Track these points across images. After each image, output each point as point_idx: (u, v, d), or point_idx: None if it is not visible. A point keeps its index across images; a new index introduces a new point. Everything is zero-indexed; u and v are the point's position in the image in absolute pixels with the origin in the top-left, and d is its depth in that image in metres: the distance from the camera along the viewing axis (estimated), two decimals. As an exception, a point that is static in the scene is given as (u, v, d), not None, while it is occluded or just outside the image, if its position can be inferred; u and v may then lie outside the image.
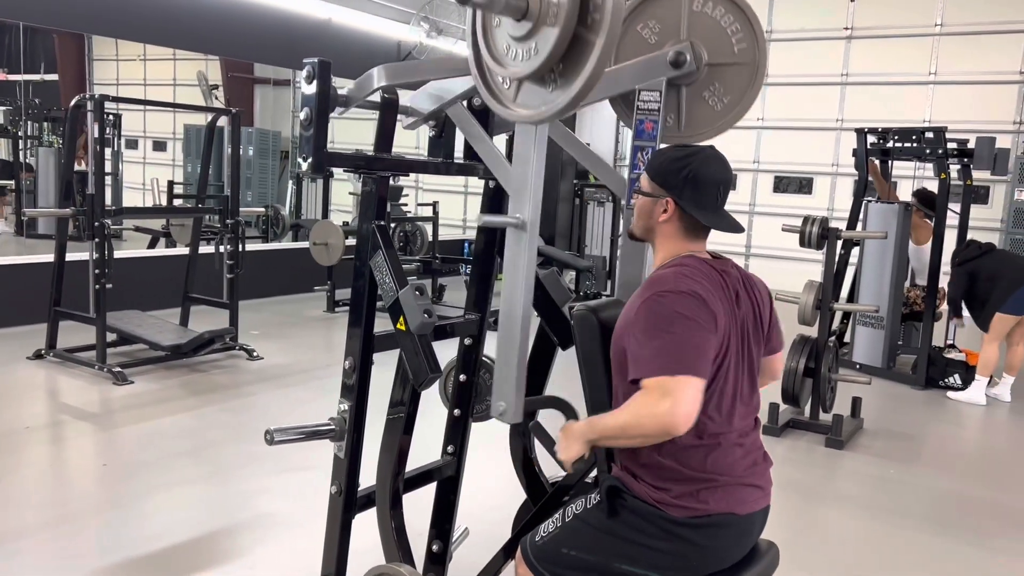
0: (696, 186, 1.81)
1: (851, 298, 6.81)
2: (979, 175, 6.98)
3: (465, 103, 2.20)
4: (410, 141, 10.74)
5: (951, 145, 6.34)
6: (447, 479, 2.53)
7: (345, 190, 10.70)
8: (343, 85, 2.02)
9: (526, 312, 1.96)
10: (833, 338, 5.12)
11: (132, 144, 16.00)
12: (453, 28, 9.62)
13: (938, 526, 3.74)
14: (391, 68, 2.03)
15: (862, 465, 4.54)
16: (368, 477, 2.26)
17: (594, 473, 2.16)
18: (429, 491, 2.55)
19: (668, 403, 1.64)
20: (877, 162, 6.76)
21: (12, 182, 12.33)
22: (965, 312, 6.15)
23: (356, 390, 2.13)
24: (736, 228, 1.87)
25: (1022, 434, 5.42)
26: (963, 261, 5.96)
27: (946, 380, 6.17)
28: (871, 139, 6.69)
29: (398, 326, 2.01)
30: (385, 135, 2.14)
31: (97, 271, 5.30)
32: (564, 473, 2.41)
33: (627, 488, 1.83)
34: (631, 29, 2.24)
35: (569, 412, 2.27)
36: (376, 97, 2.09)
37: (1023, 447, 5.18)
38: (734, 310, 1.82)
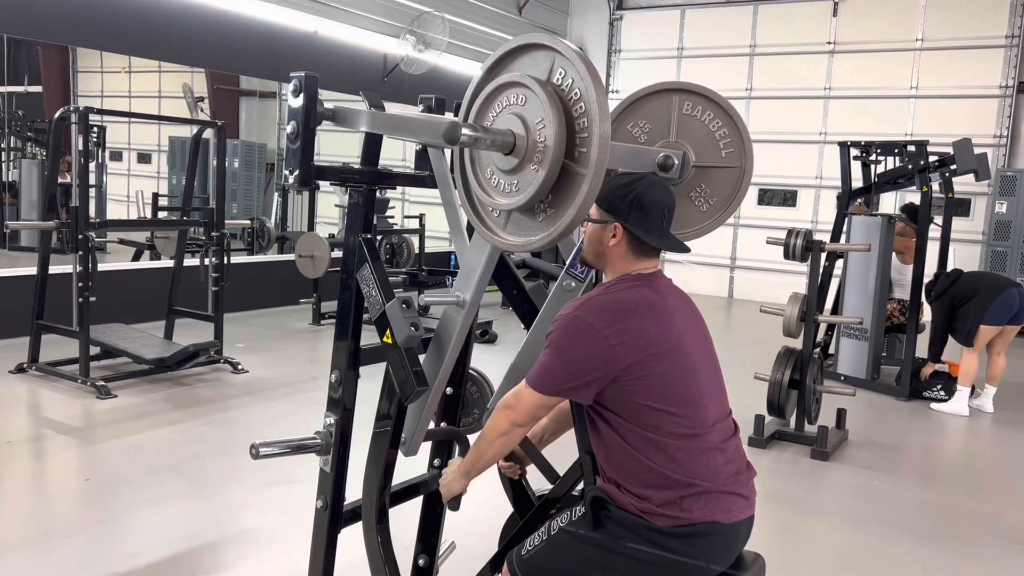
0: (642, 210, 1.86)
1: (835, 310, 6.86)
2: (961, 188, 7.05)
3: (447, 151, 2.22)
4: (396, 154, 10.76)
5: (933, 158, 6.40)
6: (433, 493, 2.52)
7: (331, 202, 10.69)
8: (330, 98, 2.02)
9: (444, 376, 2.18)
10: (818, 350, 5.14)
11: (117, 156, 15.89)
12: (439, 41, 9.65)
13: (924, 537, 3.76)
14: (378, 119, 2.02)
15: (848, 476, 4.56)
16: (354, 491, 2.25)
17: (580, 486, 2.15)
18: (415, 505, 2.54)
19: (513, 402, 1.89)
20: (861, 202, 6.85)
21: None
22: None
23: (342, 404, 2.13)
24: (682, 248, 1.98)
25: (1005, 445, 5.46)
26: (939, 295, 6.04)
27: (929, 391, 6.21)
28: (854, 152, 6.75)
29: (385, 339, 2.01)
30: (371, 149, 2.14)
31: (81, 284, 5.26)
32: (550, 486, 2.41)
33: (611, 499, 1.84)
34: (622, 127, 2.27)
35: (463, 444, 2.36)
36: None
37: (1006, 458, 5.22)
38: (668, 318, 1.86)
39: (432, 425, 2.49)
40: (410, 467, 2.48)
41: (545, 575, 1.87)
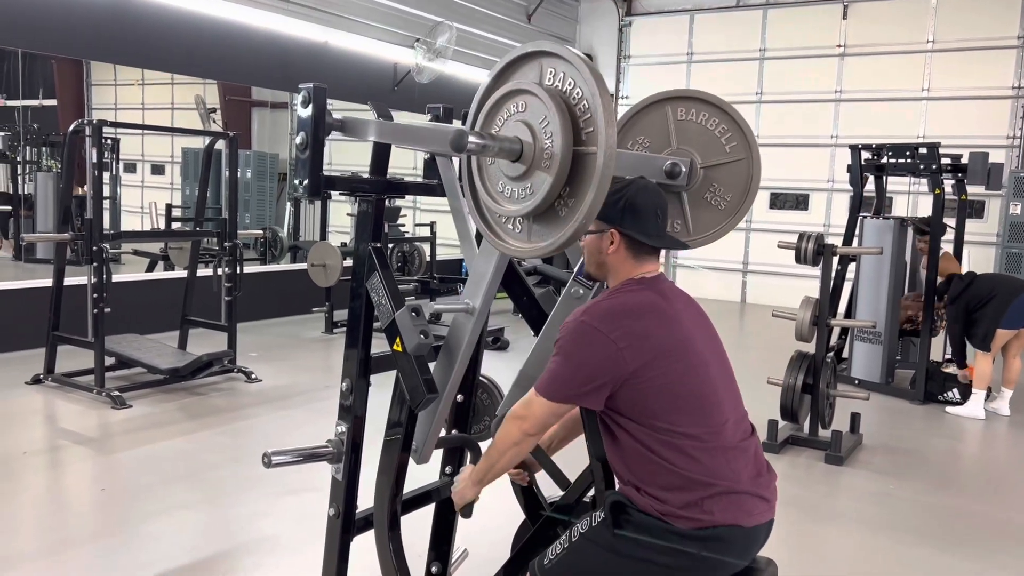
0: (635, 213, 1.88)
1: (848, 314, 6.82)
2: (974, 190, 7.01)
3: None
4: (407, 163, 10.81)
5: (945, 161, 6.37)
6: (445, 500, 2.53)
7: (343, 211, 10.73)
8: (340, 108, 2.05)
9: (454, 383, 2.19)
10: (831, 354, 5.12)
11: (130, 168, 16.04)
12: (447, 49, 9.68)
13: (940, 541, 3.73)
14: (385, 128, 2.06)
15: (862, 481, 4.53)
16: (366, 499, 2.26)
17: (592, 492, 2.16)
18: (427, 512, 2.55)
19: (524, 412, 1.89)
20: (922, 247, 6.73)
21: (10, 207, 12.37)
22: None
23: (353, 412, 2.14)
24: (680, 246, 2.04)
25: (1021, 448, 5.41)
26: (954, 298, 5.98)
27: (945, 395, 6.16)
28: (866, 155, 6.73)
29: (395, 347, 2.02)
30: (381, 157, 2.16)
31: (95, 295, 5.31)
32: (561, 492, 2.42)
33: (631, 502, 1.84)
34: (622, 146, 2.27)
35: (475, 451, 2.36)
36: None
37: (1023, 461, 5.17)
38: (676, 320, 1.88)
39: (443, 433, 2.50)
40: (422, 474, 2.49)
41: (568, 582, 1.88)
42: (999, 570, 3.48)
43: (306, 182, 1.99)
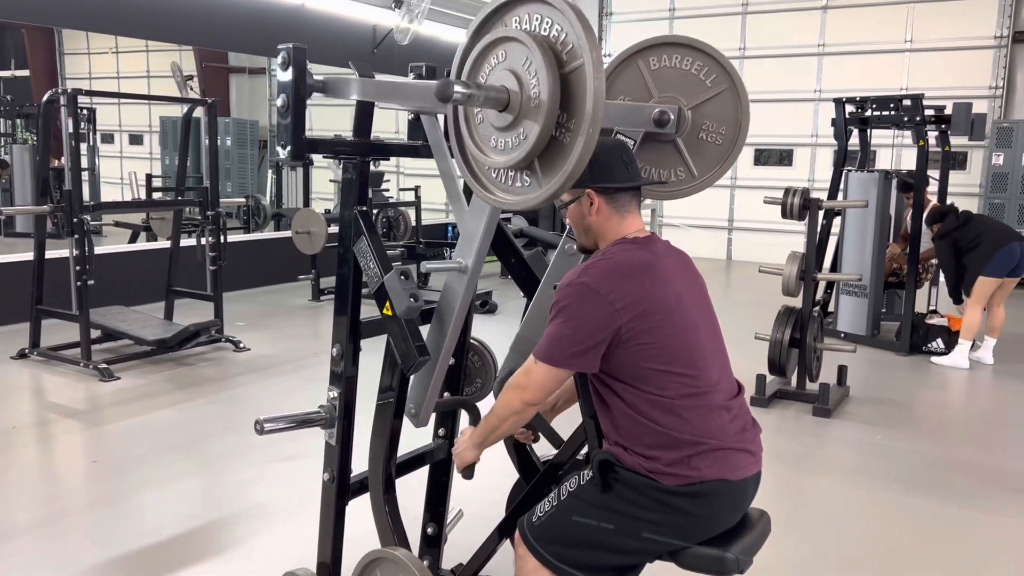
0: (600, 164, 1.85)
1: (834, 267, 6.86)
2: (957, 141, 7.02)
3: (440, 117, 2.20)
4: (389, 125, 10.69)
5: (928, 112, 6.36)
6: (439, 462, 2.55)
7: (325, 177, 10.64)
8: (319, 71, 2.00)
9: (449, 347, 2.16)
10: (817, 308, 5.15)
11: (108, 138, 15.81)
12: (423, 9, 9.53)
13: (927, 489, 3.79)
14: (368, 85, 2.01)
15: (850, 432, 4.59)
16: (360, 463, 2.26)
17: (585, 449, 2.17)
18: (422, 474, 2.56)
19: (524, 380, 1.87)
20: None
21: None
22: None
23: (344, 377, 2.13)
24: (655, 182, 2.07)
25: (1006, 396, 5.49)
26: (944, 234, 6.00)
27: (929, 345, 6.23)
28: (850, 108, 6.71)
29: (384, 311, 2.01)
30: (364, 119, 2.12)
31: (78, 268, 5.25)
32: (555, 451, 2.43)
33: (619, 461, 1.85)
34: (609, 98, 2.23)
35: (473, 413, 2.36)
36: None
37: (1007, 409, 5.25)
38: (669, 280, 1.87)
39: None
40: (415, 438, 2.49)
41: (557, 540, 1.89)
42: (986, 515, 3.55)
43: (288, 146, 1.95)
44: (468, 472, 2.11)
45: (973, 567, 3.10)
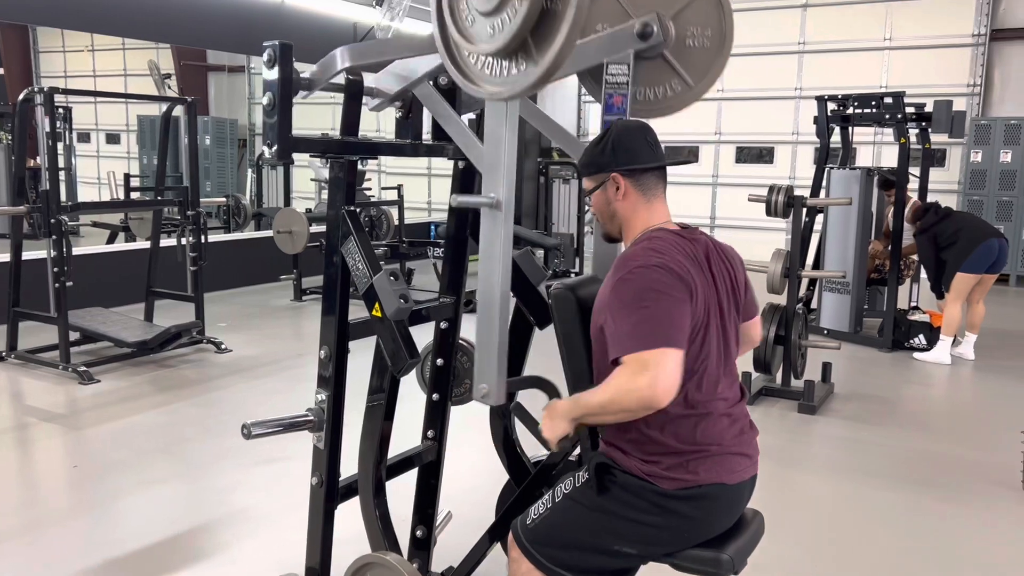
0: (624, 147, 1.83)
1: (816, 264, 6.89)
2: (936, 138, 7.07)
3: (431, 82, 2.16)
4: (370, 125, 10.60)
5: (909, 110, 6.40)
6: (428, 464, 2.52)
7: (306, 177, 10.56)
8: (300, 70, 1.97)
9: (504, 293, 1.88)
10: (802, 305, 5.17)
11: (84, 138, 15.64)
12: (413, 8, 9.48)
13: (912, 485, 3.81)
14: (354, 49, 1.98)
15: (835, 429, 4.61)
16: (349, 466, 2.23)
17: (577, 451, 2.15)
18: (410, 476, 2.53)
19: (647, 377, 1.62)
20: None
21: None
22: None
23: (333, 379, 2.10)
24: (685, 159, 1.96)
25: (987, 391, 5.54)
26: (924, 229, 6.05)
27: (911, 341, 6.27)
28: (831, 106, 6.74)
29: (374, 312, 1.98)
30: (351, 118, 2.09)
31: (56, 269, 5.17)
32: (546, 452, 2.40)
33: (616, 463, 1.83)
34: (588, 32, 2.21)
35: (551, 391, 2.26)
36: (340, 79, 2.04)
37: (989, 404, 5.29)
38: (708, 278, 1.82)
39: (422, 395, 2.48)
40: (403, 440, 2.47)
41: (551, 543, 1.86)
42: (971, 509, 3.57)
43: (276, 146, 1.91)
44: (565, 443, 1.86)
45: (960, 562, 3.11)
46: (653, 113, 2.21)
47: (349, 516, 2.28)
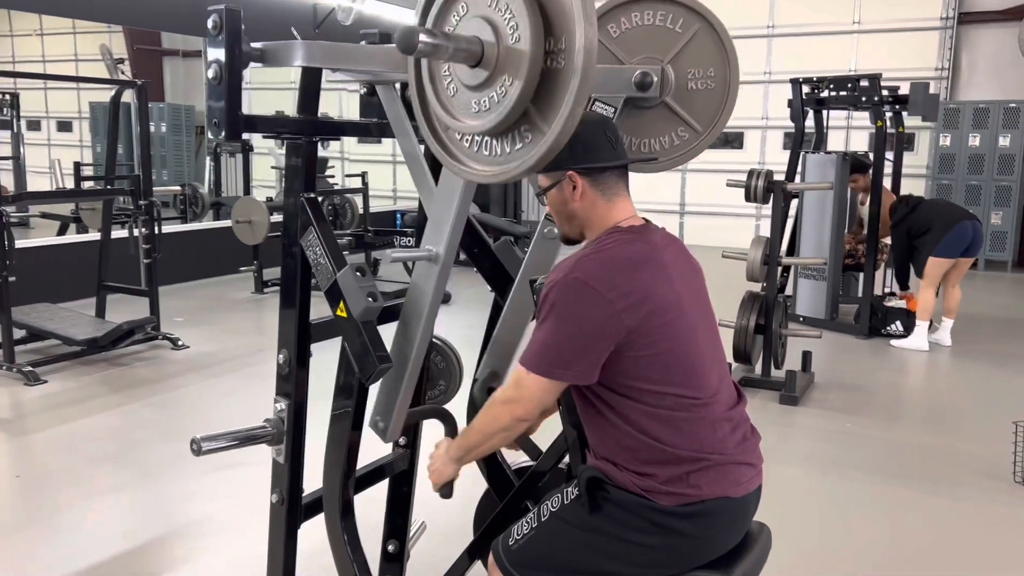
0: (583, 145, 1.62)
1: (791, 251, 6.78)
2: (907, 122, 7.00)
3: (398, 87, 1.96)
4: (331, 109, 10.30)
5: (885, 92, 6.31)
6: (400, 473, 2.32)
7: (267, 164, 10.25)
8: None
9: (422, 344, 1.92)
10: (781, 293, 5.04)
11: (34, 125, 15.12)
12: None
13: (895, 476, 3.71)
14: (317, 49, 1.71)
15: (818, 420, 4.49)
16: (314, 479, 2.02)
17: (566, 460, 1.97)
18: (381, 486, 2.33)
19: (514, 394, 1.64)
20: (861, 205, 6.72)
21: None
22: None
23: (294, 386, 1.89)
24: (647, 161, 1.86)
25: (965, 378, 5.47)
26: (897, 222, 5.99)
27: (888, 328, 6.20)
28: (805, 89, 6.62)
29: (339, 312, 1.77)
30: (309, 94, 1.86)
31: (-2, 263, 4.87)
32: (526, 458, 2.22)
33: (608, 478, 1.64)
34: None
35: (450, 425, 2.11)
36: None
37: (967, 391, 5.22)
38: (669, 276, 1.65)
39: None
40: (373, 449, 2.26)
41: (538, 566, 1.68)
42: (956, 501, 3.48)
43: (223, 126, 1.68)
44: (447, 490, 1.86)
45: (946, 554, 3.01)
46: (661, 166, 2.04)
47: (317, 526, 2.07)
